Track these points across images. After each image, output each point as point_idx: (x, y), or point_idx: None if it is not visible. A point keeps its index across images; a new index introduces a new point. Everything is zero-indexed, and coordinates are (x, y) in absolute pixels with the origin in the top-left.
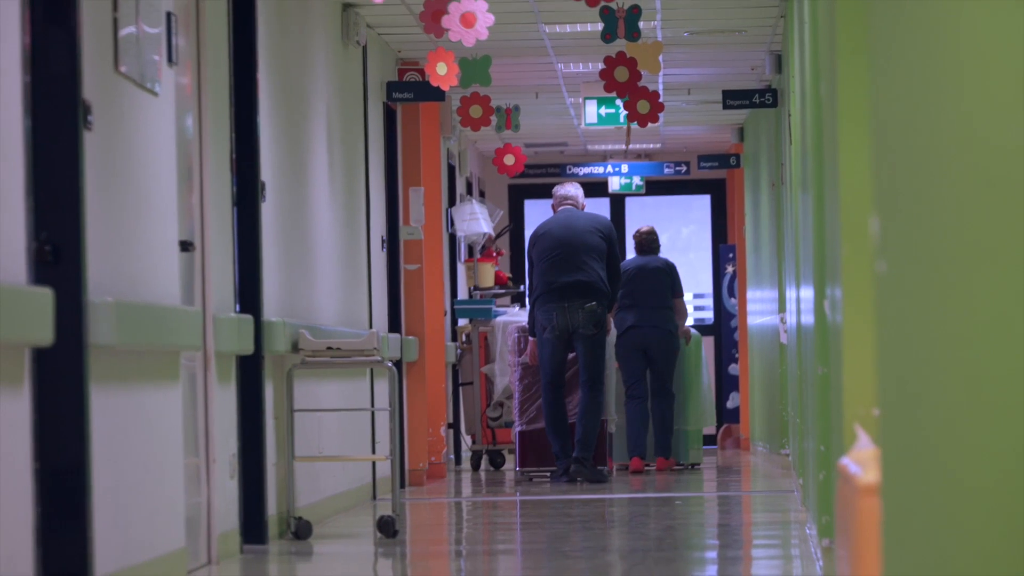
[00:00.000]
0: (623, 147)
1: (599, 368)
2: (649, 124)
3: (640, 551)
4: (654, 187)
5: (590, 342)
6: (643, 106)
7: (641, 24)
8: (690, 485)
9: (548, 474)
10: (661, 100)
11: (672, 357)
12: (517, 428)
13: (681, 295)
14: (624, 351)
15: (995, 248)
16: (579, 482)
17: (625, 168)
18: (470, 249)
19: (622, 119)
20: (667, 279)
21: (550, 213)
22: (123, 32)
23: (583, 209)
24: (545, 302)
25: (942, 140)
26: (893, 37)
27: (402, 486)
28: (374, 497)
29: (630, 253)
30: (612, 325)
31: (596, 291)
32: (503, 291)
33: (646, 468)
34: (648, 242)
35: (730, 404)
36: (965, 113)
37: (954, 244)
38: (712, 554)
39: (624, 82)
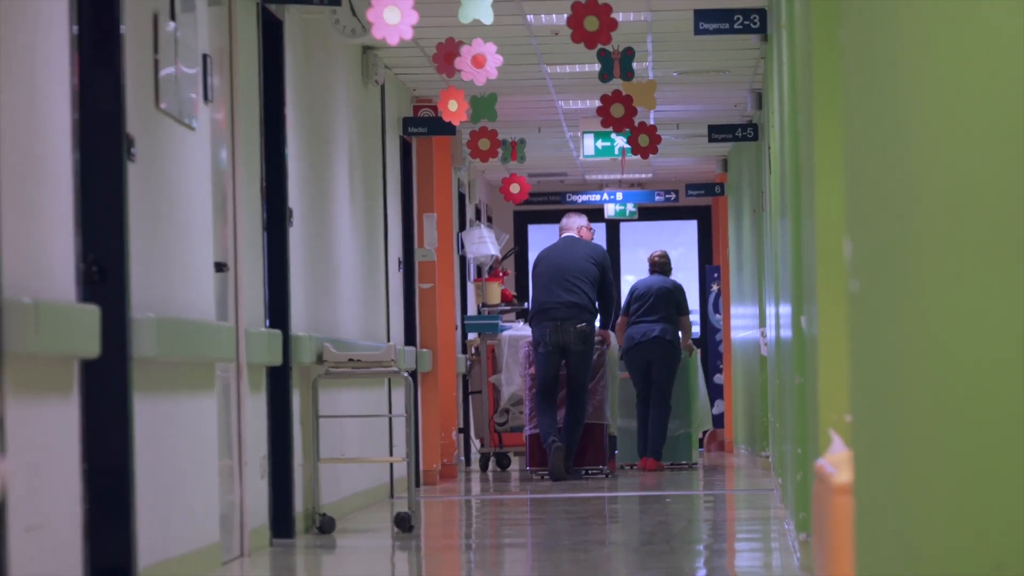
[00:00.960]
0: (618, 176)
1: (584, 380)
2: (647, 154)
3: (634, 544)
4: (646, 213)
5: (578, 357)
6: (643, 140)
7: (634, 65)
8: (679, 484)
9: (544, 470)
10: (657, 134)
11: (672, 366)
12: (527, 432)
13: (687, 313)
14: (632, 363)
15: (957, 268)
16: (559, 474)
17: (620, 196)
18: (479, 270)
19: (616, 151)
20: (674, 298)
21: (552, 236)
22: (163, 72)
23: (590, 238)
24: (540, 320)
25: (909, 171)
26: (864, 76)
27: (417, 485)
28: (391, 495)
29: (643, 273)
30: (613, 339)
31: (585, 312)
32: (508, 308)
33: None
34: (661, 264)
35: (715, 410)
36: (930, 146)
37: (920, 264)
38: (700, 547)
39: (619, 118)
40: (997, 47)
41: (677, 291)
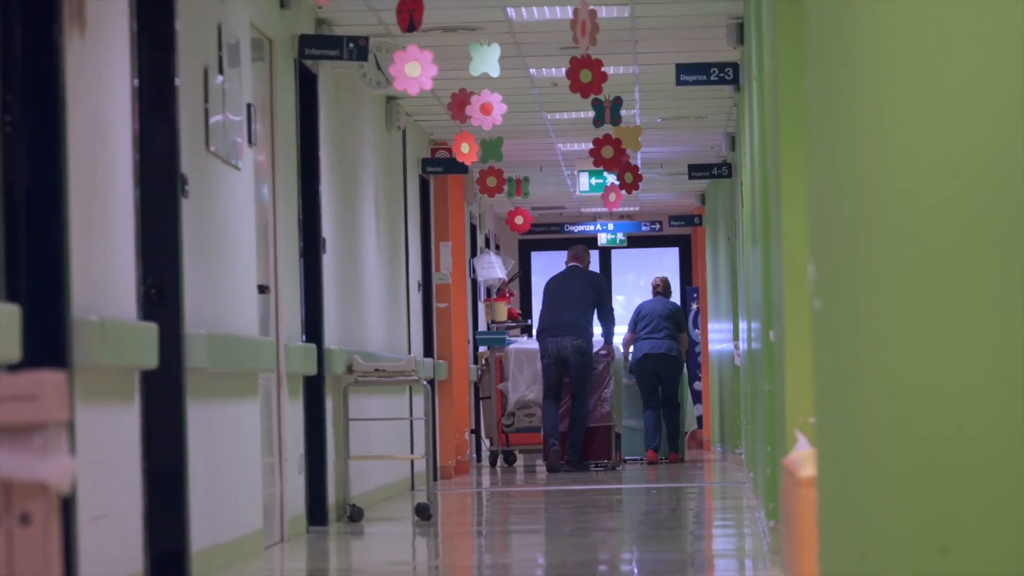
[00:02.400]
0: (609, 209)
1: (583, 387)
2: (632, 189)
3: (625, 530)
4: (634, 241)
5: (576, 368)
6: (628, 177)
7: (623, 112)
8: (665, 478)
9: (548, 463)
10: (640, 172)
11: (677, 376)
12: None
13: (685, 330)
14: (641, 373)
15: (905, 288)
16: (565, 467)
17: (611, 226)
18: (488, 291)
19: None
20: (676, 318)
21: (553, 262)
22: (213, 120)
23: (581, 263)
24: (544, 337)
25: (864, 204)
26: (825, 122)
27: (435, 479)
28: (412, 488)
29: (630, 293)
30: (617, 352)
31: (581, 330)
32: (514, 324)
33: (660, 460)
34: (663, 288)
35: (696, 413)
36: (883, 183)
37: (874, 285)
38: (682, 532)
39: (609, 158)
40: (940, 98)
41: (677, 312)
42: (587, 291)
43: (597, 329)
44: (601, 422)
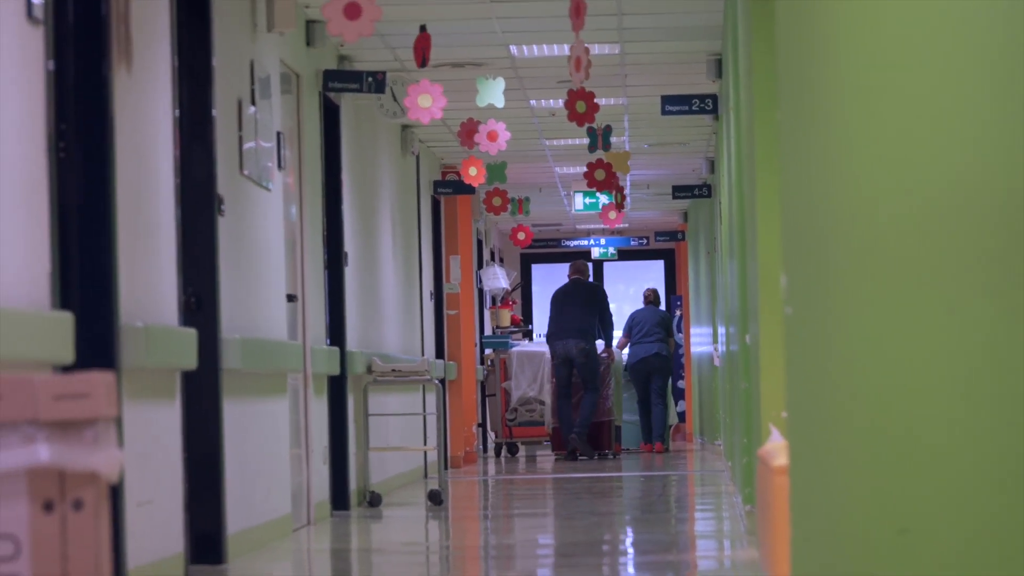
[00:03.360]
0: (602, 226)
1: (593, 379)
2: (621, 208)
3: (616, 513)
4: (624, 254)
5: (582, 367)
6: (618, 197)
7: (613, 138)
8: (653, 466)
9: (566, 455)
10: (627, 193)
11: (667, 376)
12: (552, 425)
13: (673, 335)
14: (635, 375)
15: (868, 296)
16: (578, 455)
17: (603, 241)
18: (493, 299)
19: (600, 207)
20: (665, 324)
21: (551, 273)
22: (246, 146)
23: (583, 276)
24: (552, 340)
25: (830, 222)
26: (795, 149)
27: (445, 468)
28: (425, 476)
29: (622, 301)
30: (616, 355)
31: (585, 334)
32: (516, 329)
33: (653, 450)
34: (654, 298)
35: (679, 409)
36: (847, 203)
37: (840, 294)
38: (665, 514)
39: (602, 180)
40: (898, 127)
41: (667, 319)
42: (589, 300)
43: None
44: (603, 417)
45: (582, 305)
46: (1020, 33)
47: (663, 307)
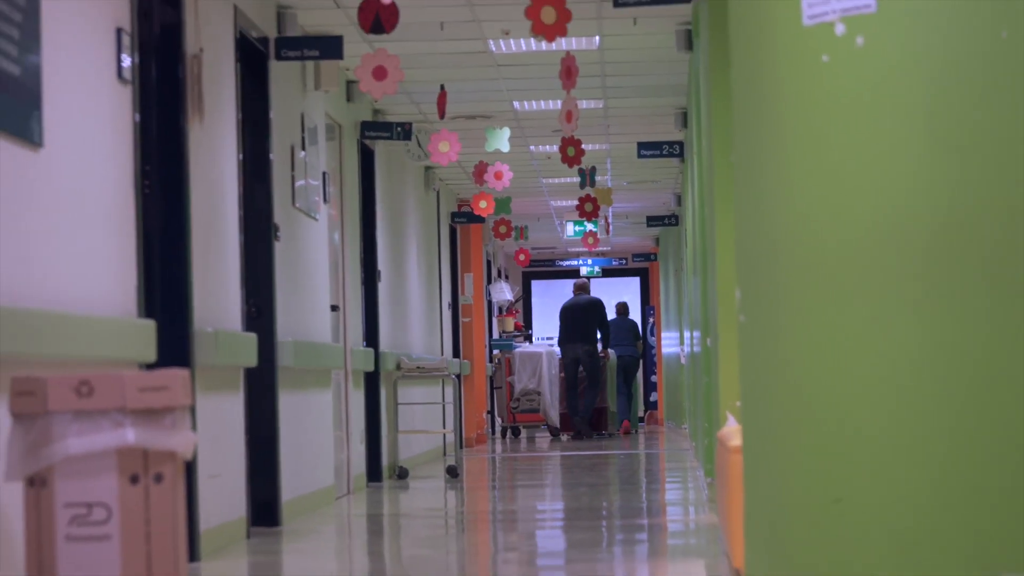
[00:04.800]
0: (589, 249)
1: (594, 378)
2: (605, 234)
3: (601, 484)
4: (607, 272)
5: (588, 366)
6: (598, 224)
7: (598, 177)
8: (630, 445)
9: (571, 434)
10: (610, 221)
11: (635, 372)
12: (560, 411)
13: (639, 339)
14: (615, 370)
15: (809, 307)
16: (583, 435)
17: (589, 261)
18: (499, 309)
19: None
20: (634, 330)
21: (547, 288)
22: (298, 183)
23: (585, 291)
24: (563, 344)
25: (778, 245)
26: (748, 184)
27: (460, 447)
28: (444, 454)
29: (611, 314)
30: (611, 355)
31: (589, 338)
32: (519, 334)
33: (631, 430)
34: (624, 310)
35: (652, 399)
36: (789, 230)
37: (785, 305)
38: (642, 485)
39: (589, 212)
40: (833, 167)
41: (634, 326)
42: (590, 312)
43: None
44: (601, 404)
45: (585, 316)
46: (940, 87)
47: (632, 316)
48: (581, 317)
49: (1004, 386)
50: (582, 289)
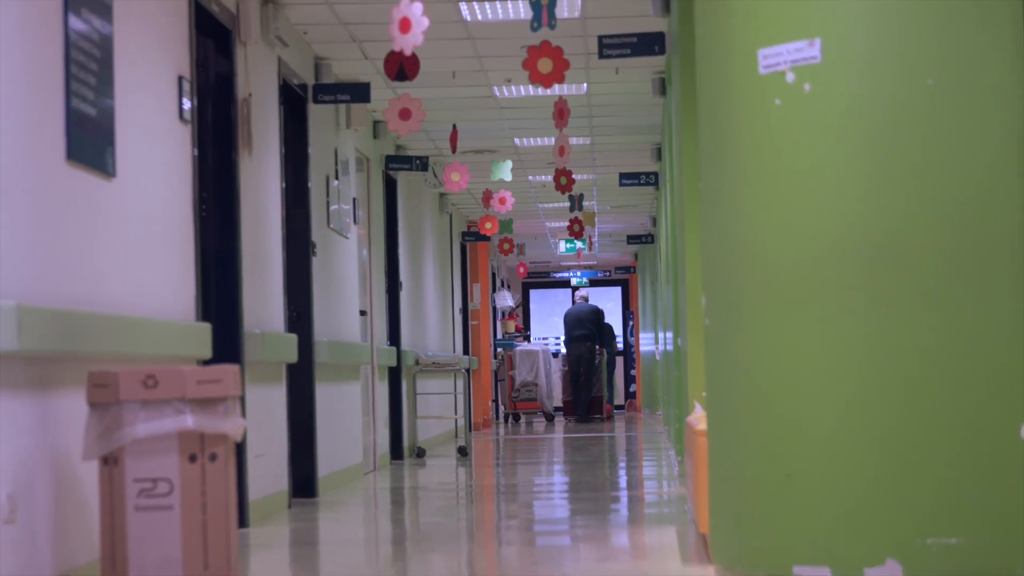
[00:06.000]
0: (577, 263)
1: (592, 372)
2: (591, 250)
3: (585, 461)
4: (593, 282)
5: (588, 363)
6: (586, 242)
7: (585, 202)
8: (614, 429)
9: (575, 418)
10: (595, 240)
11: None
12: (563, 399)
13: (614, 339)
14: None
15: (764, 312)
16: (582, 419)
17: (578, 273)
18: (502, 313)
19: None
20: (611, 333)
21: (543, 296)
22: (332, 208)
23: (587, 300)
24: (567, 343)
25: (738, 260)
26: (712, 208)
27: (470, 430)
28: (456, 436)
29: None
30: (605, 352)
31: (590, 340)
32: (518, 335)
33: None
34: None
35: (631, 389)
36: (749, 246)
37: (743, 311)
38: (623, 462)
39: (577, 231)
40: (786, 193)
41: (610, 329)
42: (591, 317)
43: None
44: (597, 393)
45: (586, 321)
46: (876, 126)
47: (609, 321)
48: (583, 321)
49: (932, 378)
50: (582, 298)
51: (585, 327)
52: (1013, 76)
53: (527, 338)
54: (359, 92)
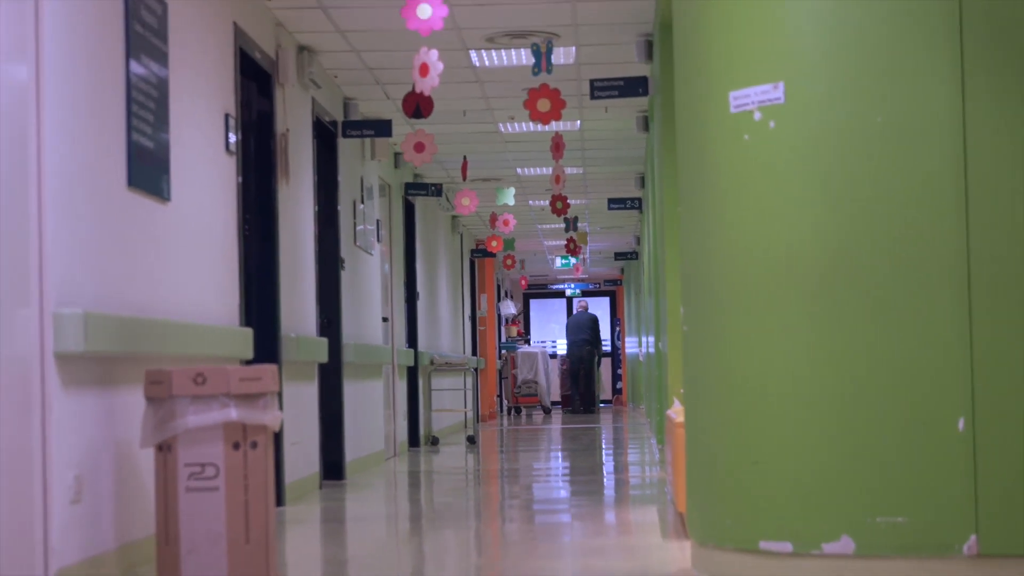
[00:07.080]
0: (572, 276)
1: (591, 373)
2: (584, 266)
3: (578, 448)
4: (585, 293)
5: (586, 364)
6: (579, 258)
7: (580, 224)
8: (602, 421)
9: (570, 409)
10: (587, 256)
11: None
12: (562, 393)
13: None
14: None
15: (736, 318)
16: (580, 411)
17: (572, 285)
18: (506, 320)
19: (572, 264)
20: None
21: (542, 305)
22: (359, 228)
23: (586, 310)
24: (570, 347)
25: (713, 273)
26: (691, 228)
27: (477, 422)
28: (465, 427)
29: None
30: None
31: (589, 344)
32: (520, 338)
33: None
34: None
35: (618, 386)
36: (723, 262)
37: (717, 318)
38: (609, 450)
39: (571, 250)
40: (757, 212)
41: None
42: (590, 324)
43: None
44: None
45: (586, 326)
46: (831, 158)
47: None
48: (582, 328)
49: (880, 377)
50: (582, 307)
51: (585, 332)
52: (951, 111)
53: (527, 341)
54: (382, 128)
